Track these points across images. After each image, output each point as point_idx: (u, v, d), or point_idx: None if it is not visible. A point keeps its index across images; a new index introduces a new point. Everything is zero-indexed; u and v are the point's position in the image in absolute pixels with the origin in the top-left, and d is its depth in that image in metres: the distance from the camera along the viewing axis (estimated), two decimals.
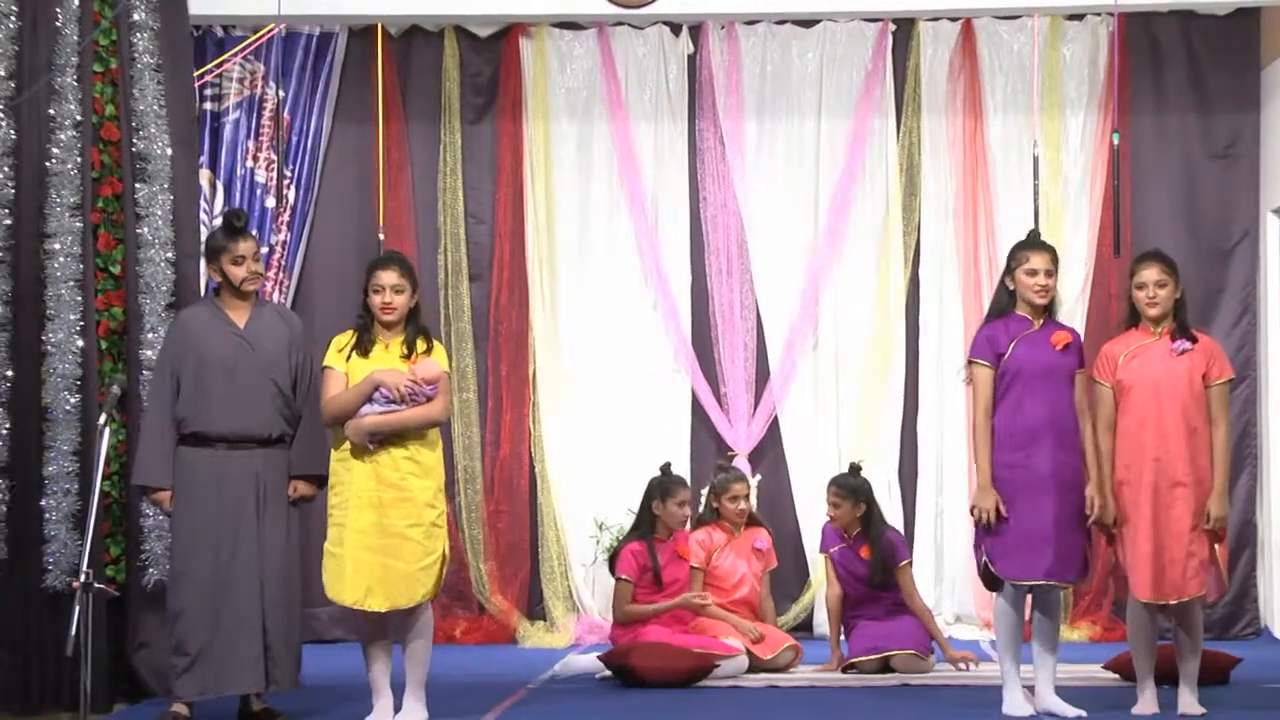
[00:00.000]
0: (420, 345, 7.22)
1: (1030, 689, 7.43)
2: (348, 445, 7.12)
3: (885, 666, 8.77)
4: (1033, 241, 7.51)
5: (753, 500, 9.46)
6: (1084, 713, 7.23)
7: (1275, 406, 10.35)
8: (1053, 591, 7.39)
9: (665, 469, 9.17)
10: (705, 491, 9.57)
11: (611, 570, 9.07)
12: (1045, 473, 7.25)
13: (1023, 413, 7.28)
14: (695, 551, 9.13)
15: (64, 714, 7.60)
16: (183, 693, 7.14)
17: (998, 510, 7.24)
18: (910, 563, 9.10)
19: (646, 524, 9.02)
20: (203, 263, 7.84)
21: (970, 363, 7.45)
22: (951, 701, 7.88)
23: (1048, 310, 7.43)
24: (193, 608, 7.13)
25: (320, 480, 7.37)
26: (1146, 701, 7.30)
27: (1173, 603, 7.20)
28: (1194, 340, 7.30)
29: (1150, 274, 7.33)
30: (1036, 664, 7.38)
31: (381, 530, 7.05)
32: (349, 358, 7.20)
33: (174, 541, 7.28)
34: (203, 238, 9.74)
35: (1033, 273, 7.36)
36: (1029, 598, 7.44)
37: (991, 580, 7.40)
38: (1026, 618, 7.51)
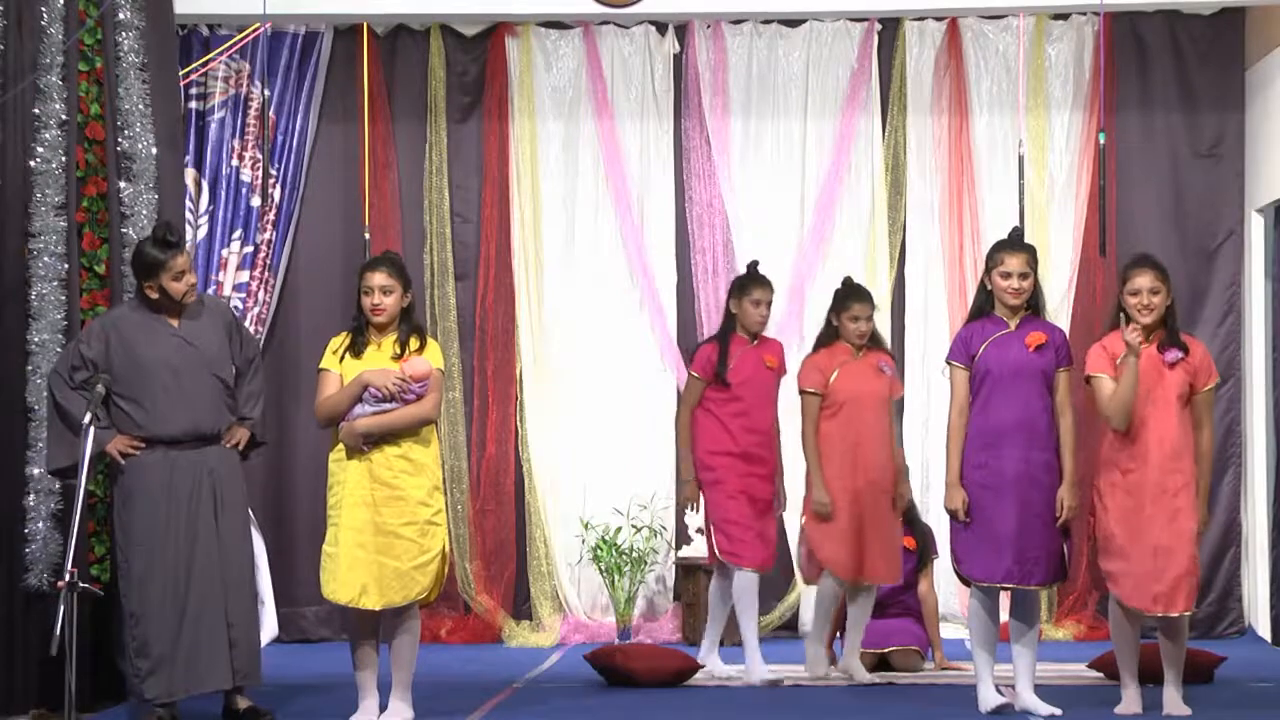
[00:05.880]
0: (413, 343, 7.25)
1: (1010, 687, 7.46)
2: (343, 446, 7.16)
3: (881, 663, 8.77)
4: (1009, 242, 7.52)
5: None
6: (1058, 711, 7.25)
7: (1259, 406, 10.38)
8: (1029, 592, 7.40)
9: (751, 266, 8.78)
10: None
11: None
12: (1011, 474, 7.29)
13: (991, 414, 7.33)
14: (810, 375, 8.60)
15: (49, 714, 7.59)
16: (151, 695, 7.14)
17: (965, 509, 7.29)
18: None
19: (727, 324, 8.71)
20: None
21: (947, 363, 7.51)
22: (937, 700, 7.91)
23: (1031, 309, 7.44)
24: (154, 609, 7.13)
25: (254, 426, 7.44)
26: (1130, 700, 7.32)
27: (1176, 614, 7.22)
28: (1185, 350, 7.28)
29: (1145, 281, 7.29)
30: (1015, 663, 7.39)
31: (375, 529, 7.09)
32: (342, 359, 7.24)
33: (128, 544, 7.24)
34: (188, 237, 9.81)
35: (1006, 275, 7.39)
36: (1008, 596, 7.47)
37: (965, 577, 7.44)
38: (1004, 617, 7.53)
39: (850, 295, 8.67)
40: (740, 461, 8.55)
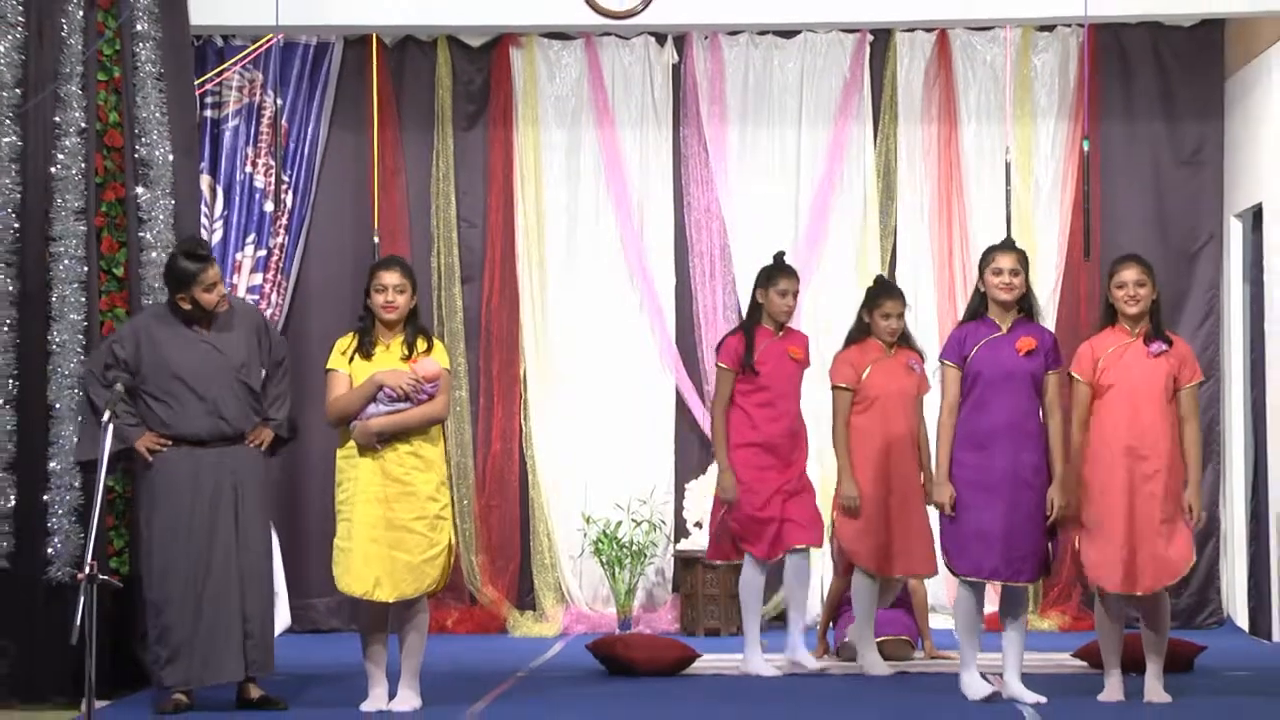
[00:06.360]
0: (421, 345, 7.27)
1: (998, 675, 7.47)
2: (353, 443, 7.17)
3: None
4: (1001, 244, 7.57)
5: (908, 320, 8.59)
6: (1044, 699, 7.26)
7: (1237, 404, 10.41)
8: (1018, 587, 7.41)
9: (778, 256, 8.58)
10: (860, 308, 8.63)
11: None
12: (1000, 474, 7.31)
13: (982, 415, 7.34)
14: (843, 370, 8.37)
15: (67, 704, 7.61)
16: (170, 682, 7.16)
17: (953, 506, 7.31)
18: None
19: (753, 315, 8.52)
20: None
21: (940, 362, 7.52)
22: (927, 688, 7.91)
23: (1022, 311, 7.45)
24: (175, 600, 7.15)
25: (278, 427, 7.43)
26: (1113, 688, 7.35)
27: (1141, 594, 7.25)
28: (1169, 343, 7.35)
29: (1130, 274, 7.36)
30: (1005, 653, 7.40)
31: (388, 524, 7.11)
32: (352, 359, 7.24)
33: (151, 537, 7.27)
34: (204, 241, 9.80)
35: (998, 271, 7.41)
36: (996, 588, 7.48)
37: (954, 572, 7.45)
38: (989, 608, 7.54)
39: (882, 293, 8.51)
40: (762, 452, 8.37)
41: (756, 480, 8.36)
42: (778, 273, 8.48)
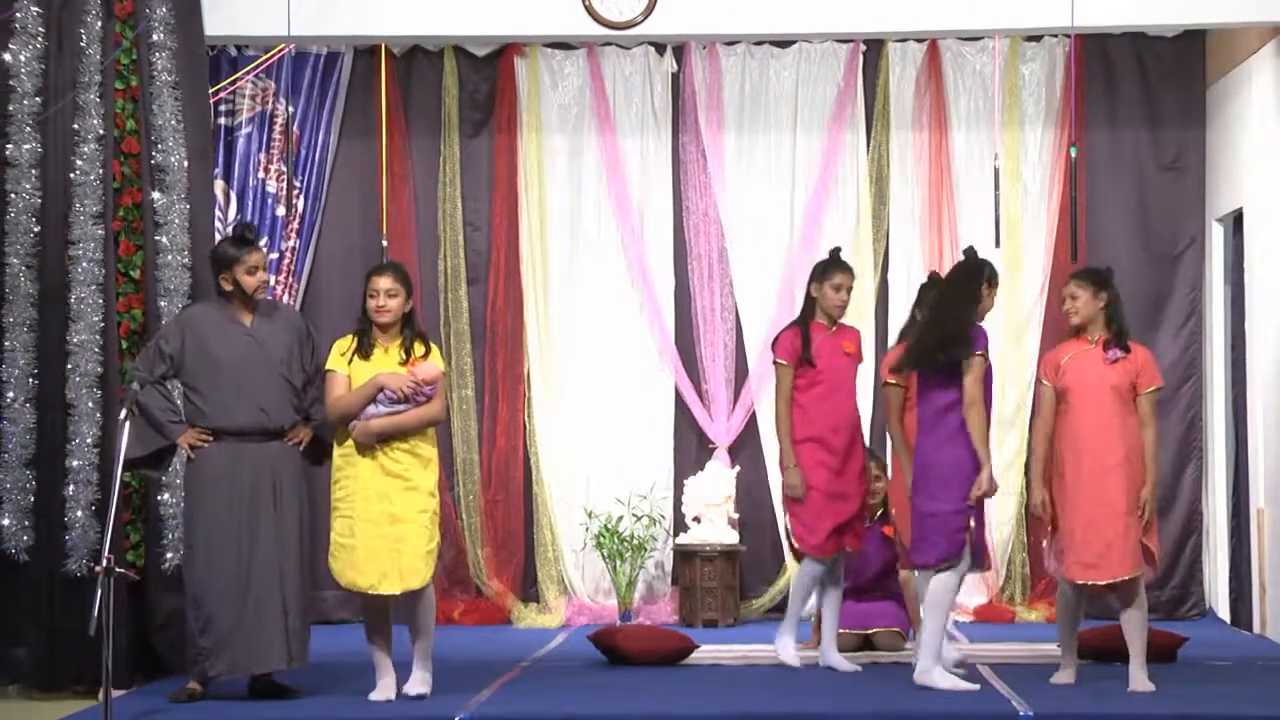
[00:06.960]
0: (418, 349, 7.26)
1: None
2: (350, 442, 7.15)
3: (866, 643, 8.75)
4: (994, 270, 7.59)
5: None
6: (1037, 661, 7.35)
7: (1219, 402, 10.40)
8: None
9: (834, 252, 8.26)
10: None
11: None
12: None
13: (989, 412, 7.44)
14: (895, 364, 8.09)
15: (85, 693, 7.60)
16: (214, 672, 7.13)
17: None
18: None
19: (807, 309, 8.26)
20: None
21: (979, 355, 7.34)
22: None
23: None
24: (218, 591, 7.13)
25: (318, 428, 7.38)
26: (1064, 673, 7.50)
27: (1112, 581, 7.29)
28: (1127, 350, 7.45)
29: (1068, 289, 7.53)
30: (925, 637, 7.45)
31: (391, 519, 7.10)
32: (351, 361, 7.23)
33: (193, 528, 7.26)
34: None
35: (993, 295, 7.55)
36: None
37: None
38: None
39: (934, 288, 8.25)
40: (821, 447, 8.11)
41: (814, 479, 8.08)
42: (833, 267, 8.22)
